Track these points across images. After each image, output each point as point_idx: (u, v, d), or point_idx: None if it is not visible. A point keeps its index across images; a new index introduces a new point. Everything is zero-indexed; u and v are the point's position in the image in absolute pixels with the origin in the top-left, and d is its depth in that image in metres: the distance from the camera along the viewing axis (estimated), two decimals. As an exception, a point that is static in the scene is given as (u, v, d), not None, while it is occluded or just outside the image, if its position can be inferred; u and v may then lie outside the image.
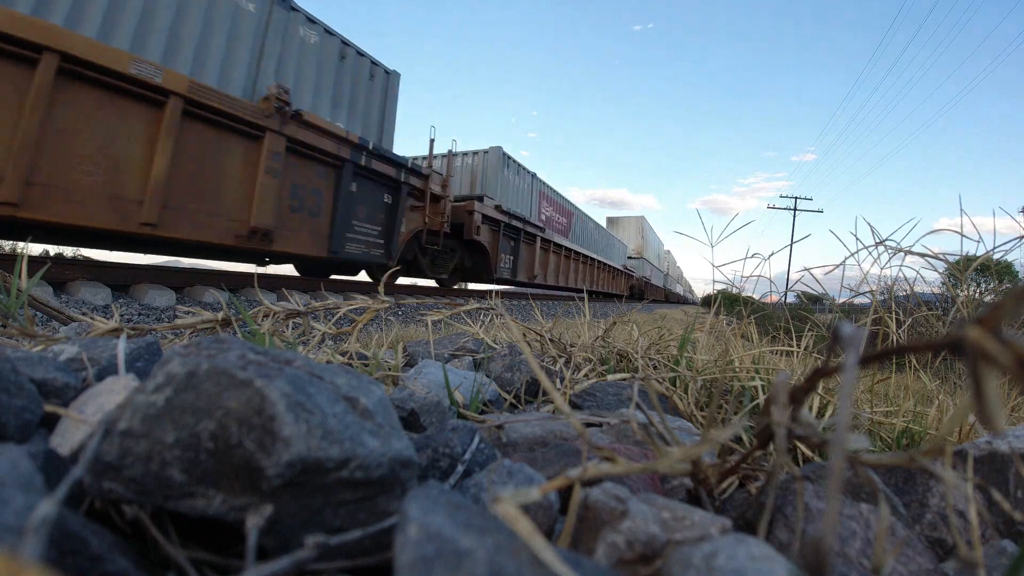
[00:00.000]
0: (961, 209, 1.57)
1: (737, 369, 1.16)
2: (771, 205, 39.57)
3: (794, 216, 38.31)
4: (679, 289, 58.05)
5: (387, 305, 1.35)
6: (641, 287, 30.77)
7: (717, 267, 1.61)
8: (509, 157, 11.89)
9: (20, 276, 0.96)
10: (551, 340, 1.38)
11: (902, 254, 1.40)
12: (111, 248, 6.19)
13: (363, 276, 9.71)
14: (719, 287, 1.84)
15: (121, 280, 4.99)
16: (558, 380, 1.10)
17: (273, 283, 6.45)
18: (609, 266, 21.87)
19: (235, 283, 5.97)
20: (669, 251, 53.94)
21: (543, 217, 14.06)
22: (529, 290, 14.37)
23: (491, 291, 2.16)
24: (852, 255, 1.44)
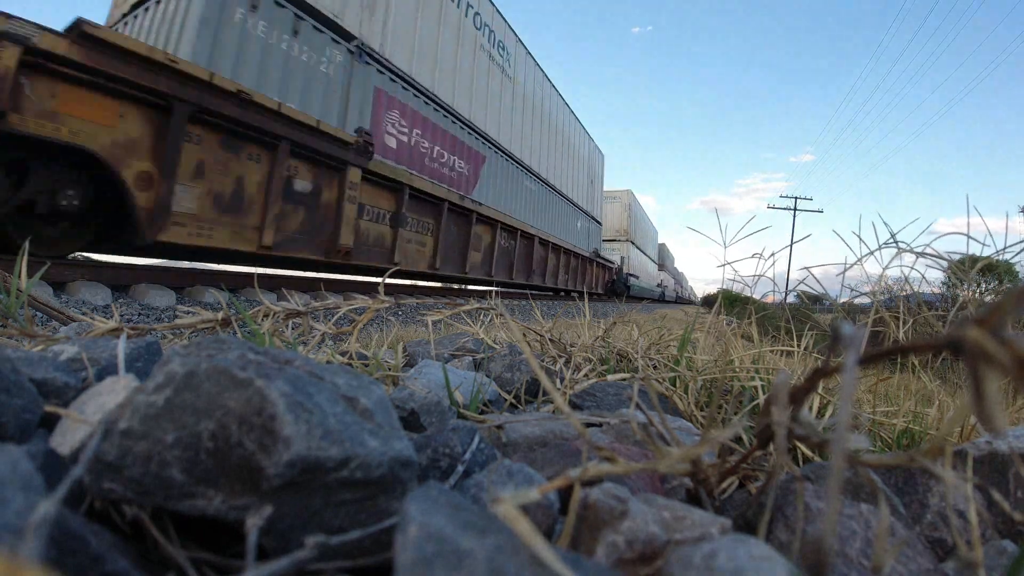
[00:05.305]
0: (968, 209, 1.57)
1: (737, 369, 1.16)
2: (771, 205, 39.51)
3: (794, 216, 38.26)
4: (674, 288, 49.45)
5: (387, 305, 1.35)
6: (623, 282, 23.59)
7: (721, 266, 1.61)
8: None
9: (20, 276, 0.96)
10: (551, 340, 1.38)
11: (906, 255, 1.39)
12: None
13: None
14: (721, 287, 1.83)
15: (121, 280, 4.97)
16: (558, 380, 1.10)
17: (273, 283, 6.45)
18: (572, 252, 15.65)
19: (235, 283, 5.97)
20: (664, 244, 47.63)
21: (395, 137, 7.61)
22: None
23: (491, 291, 2.15)
24: (867, 254, 1.42)
